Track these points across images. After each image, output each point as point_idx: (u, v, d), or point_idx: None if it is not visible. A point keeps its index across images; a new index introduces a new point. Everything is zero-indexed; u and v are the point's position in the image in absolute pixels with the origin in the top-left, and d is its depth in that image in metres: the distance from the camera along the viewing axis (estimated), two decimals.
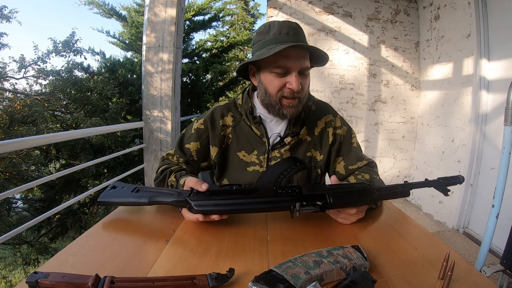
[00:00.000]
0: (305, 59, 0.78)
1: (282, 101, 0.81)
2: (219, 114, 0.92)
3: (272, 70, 0.78)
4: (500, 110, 2.23)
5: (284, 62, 0.76)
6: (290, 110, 0.82)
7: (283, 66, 0.76)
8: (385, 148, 3.46)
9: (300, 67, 0.77)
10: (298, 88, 0.77)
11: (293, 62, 0.76)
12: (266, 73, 0.80)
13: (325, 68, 3.36)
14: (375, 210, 0.80)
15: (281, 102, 0.81)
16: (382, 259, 0.55)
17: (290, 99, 0.80)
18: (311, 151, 0.92)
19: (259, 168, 0.89)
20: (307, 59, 0.79)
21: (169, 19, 2.78)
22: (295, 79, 0.76)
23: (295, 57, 0.76)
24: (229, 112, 0.93)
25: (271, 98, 0.82)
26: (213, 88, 5.86)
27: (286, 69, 0.77)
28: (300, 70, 0.78)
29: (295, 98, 0.80)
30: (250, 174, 0.89)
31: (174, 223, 0.68)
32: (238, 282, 0.47)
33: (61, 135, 2.25)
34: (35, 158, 4.49)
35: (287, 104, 0.81)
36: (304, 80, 0.80)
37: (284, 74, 0.78)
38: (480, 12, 2.44)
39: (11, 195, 2.50)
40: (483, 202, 2.44)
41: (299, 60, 0.77)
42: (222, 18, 6.57)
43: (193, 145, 0.92)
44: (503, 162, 1.28)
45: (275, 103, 0.82)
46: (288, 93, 0.79)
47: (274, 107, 0.83)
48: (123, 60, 5.28)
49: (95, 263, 0.51)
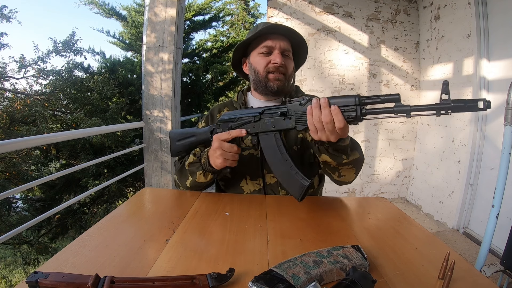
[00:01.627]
0: (285, 42, 0.92)
1: (269, 76, 0.92)
2: (217, 110, 1.04)
3: (258, 52, 0.92)
4: (500, 110, 2.22)
5: (267, 42, 0.91)
6: (276, 83, 0.91)
7: (267, 45, 0.91)
8: (385, 148, 3.46)
9: (282, 47, 0.91)
10: (281, 62, 0.90)
11: (275, 42, 0.91)
12: (254, 55, 0.94)
13: (325, 68, 3.36)
14: (375, 210, 0.79)
15: (267, 77, 0.92)
16: (382, 259, 0.55)
17: (276, 74, 0.91)
18: (302, 133, 0.96)
19: (253, 151, 0.94)
20: (287, 43, 0.93)
21: (169, 19, 2.78)
22: (277, 55, 0.90)
23: (276, 39, 0.91)
24: (225, 107, 1.03)
25: (260, 75, 0.93)
26: (213, 88, 5.87)
27: (270, 48, 0.91)
28: (282, 50, 0.91)
29: (280, 73, 0.91)
30: (246, 157, 0.94)
31: (174, 223, 0.68)
32: (238, 282, 0.47)
33: (61, 135, 2.25)
34: (35, 158, 4.48)
35: (273, 77, 0.91)
36: (288, 61, 0.93)
37: (269, 53, 0.91)
38: (480, 12, 2.44)
39: (11, 195, 2.50)
40: (483, 202, 2.44)
41: (280, 41, 0.91)
42: (222, 18, 6.57)
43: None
44: (503, 162, 1.28)
45: (262, 79, 0.92)
46: (273, 68, 0.90)
47: (262, 83, 0.93)
48: (123, 60, 5.28)
49: (95, 263, 0.51)
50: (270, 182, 0.94)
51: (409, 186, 3.51)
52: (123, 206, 0.80)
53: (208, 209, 0.76)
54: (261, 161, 0.93)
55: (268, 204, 0.81)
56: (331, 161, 0.79)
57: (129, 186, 5.15)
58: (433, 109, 0.61)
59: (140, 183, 5.04)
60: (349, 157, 0.79)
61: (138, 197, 0.86)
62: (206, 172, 0.86)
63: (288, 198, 0.86)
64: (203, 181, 0.88)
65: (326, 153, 0.78)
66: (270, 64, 0.91)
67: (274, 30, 0.91)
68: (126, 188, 5.02)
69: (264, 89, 0.93)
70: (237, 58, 1.01)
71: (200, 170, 0.86)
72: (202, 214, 0.73)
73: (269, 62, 0.91)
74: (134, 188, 5.18)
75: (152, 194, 0.92)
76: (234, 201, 0.82)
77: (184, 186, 0.91)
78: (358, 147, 0.84)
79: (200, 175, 0.86)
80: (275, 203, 0.82)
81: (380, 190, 3.53)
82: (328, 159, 0.79)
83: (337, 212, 0.78)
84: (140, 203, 0.83)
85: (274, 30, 0.92)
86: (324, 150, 0.78)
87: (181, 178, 0.92)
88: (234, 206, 0.78)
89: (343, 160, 0.79)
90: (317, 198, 0.92)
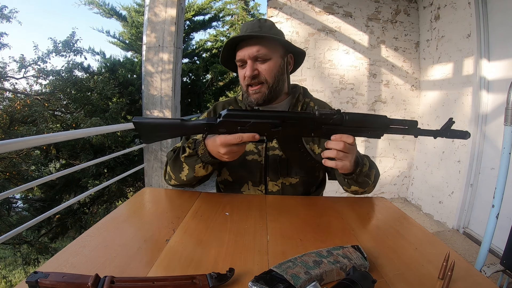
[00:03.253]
0: (257, 46, 0.83)
1: (248, 89, 0.87)
2: (221, 107, 0.98)
3: (238, 65, 0.88)
4: (500, 110, 2.23)
5: (238, 55, 0.86)
6: (254, 96, 0.87)
7: (239, 59, 0.86)
8: (385, 148, 3.46)
9: (251, 55, 0.83)
10: (250, 73, 0.83)
11: (243, 53, 0.84)
12: (238, 69, 0.89)
13: (325, 68, 3.36)
14: (375, 210, 0.79)
15: (248, 91, 0.87)
16: (382, 259, 0.55)
17: (252, 87, 0.86)
18: (310, 144, 0.94)
19: (257, 157, 0.91)
20: (260, 46, 0.83)
21: (169, 19, 2.78)
22: (247, 67, 0.84)
23: (245, 48, 0.84)
24: (230, 106, 0.98)
25: (243, 89, 0.89)
26: (213, 88, 5.87)
27: (242, 61, 0.85)
28: (253, 57, 0.83)
29: (256, 84, 0.85)
30: (250, 163, 0.91)
31: (174, 223, 0.68)
32: (238, 282, 0.47)
33: (61, 135, 2.25)
34: (35, 158, 4.49)
35: (252, 91, 0.86)
36: (264, 65, 0.85)
37: (244, 65, 0.86)
38: (480, 12, 2.44)
39: (11, 195, 2.50)
40: (483, 202, 2.44)
41: (249, 49, 0.83)
42: (222, 18, 6.58)
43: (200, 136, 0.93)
44: (503, 162, 1.28)
45: (245, 93, 0.89)
46: (248, 81, 0.85)
47: (245, 97, 0.89)
48: (123, 60, 5.29)
49: (95, 263, 0.51)
50: (272, 190, 0.92)
51: (409, 186, 3.51)
52: (123, 206, 0.80)
53: (208, 209, 0.76)
54: (264, 168, 0.91)
55: (268, 204, 0.81)
56: (359, 189, 0.85)
57: (129, 186, 5.16)
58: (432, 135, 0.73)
59: (140, 183, 5.04)
60: (371, 179, 0.84)
61: (138, 197, 0.86)
62: (207, 164, 0.81)
63: (288, 198, 0.86)
64: (204, 174, 0.83)
65: (355, 184, 0.83)
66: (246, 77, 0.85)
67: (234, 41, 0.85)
68: (126, 188, 5.03)
69: (247, 102, 0.89)
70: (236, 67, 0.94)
71: (199, 162, 0.80)
72: (202, 214, 0.73)
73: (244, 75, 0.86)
74: (134, 188, 5.18)
75: (152, 194, 0.92)
76: (234, 201, 0.82)
77: (178, 178, 0.86)
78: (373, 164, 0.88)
79: (200, 168, 0.81)
80: (275, 203, 0.82)
81: (380, 190, 3.53)
82: (357, 188, 0.84)
83: (337, 212, 0.78)
84: (140, 203, 0.83)
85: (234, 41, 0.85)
86: (353, 181, 0.82)
87: (175, 169, 0.85)
88: (234, 206, 0.78)
89: (369, 184, 0.84)
90: (317, 198, 0.92)
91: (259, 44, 0.83)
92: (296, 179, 0.92)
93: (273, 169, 0.91)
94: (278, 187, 0.91)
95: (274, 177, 0.91)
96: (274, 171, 0.91)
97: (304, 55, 0.95)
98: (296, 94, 0.96)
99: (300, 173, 0.92)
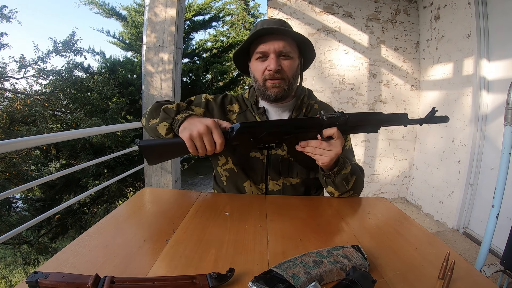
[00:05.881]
0: (283, 42, 0.84)
1: (266, 83, 0.86)
2: (229, 99, 0.98)
3: (256, 58, 0.87)
4: (500, 110, 2.23)
5: (261, 47, 0.84)
6: (273, 90, 0.86)
7: (261, 51, 0.85)
8: (385, 148, 3.46)
9: (277, 49, 0.83)
10: (275, 67, 0.83)
11: (269, 46, 0.84)
12: (253, 61, 0.89)
13: (325, 68, 3.36)
14: (375, 210, 0.79)
15: (265, 85, 0.87)
16: (382, 259, 0.55)
17: (272, 80, 0.85)
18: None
19: (260, 155, 0.91)
20: (286, 42, 0.84)
21: (169, 19, 2.78)
22: (271, 60, 0.83)
23: (271, 41, 0.84)
24: (237, 102, 0.98)
25: (259, 83, 0.88)
26: (213, 88, 5.87)
27: (264, 53, 0.85)
28: (278, 52, 0.84)
29: (278, 79, 0.85)
30: (252, 160, 0.91)
31: (174, 223, 0.68)
32: (238, 282, 0.47)
33: (61, 135, 2.25)
34: (35, 158, 4.49)
35: (271, 84, 0.86)
36: (287, 62, 0.85)
37: (264, 58, 0.85)
38: (480, 12, 2.44)
39: (11, 195, 2.50)
40: (483, 202, 2.44)
41: (275, 43, 0.83)
42: (222, 18, 6.58)
43: (198, 110, 0.94)
44: (503, 162, 1.28)
45: (261, 87, 0.88)
46: (268, 75, 0.85)
47: (261, 91, 0.89)
48: (123, 60, 5.29)
49: (95, 263, 0.51)
50: (272, 189, 0.92)
51: (409, 186, 3.51)
52: (123, 206, 0.80)
53: (208, 209, 0.76)
54: (266, 167, 0.91)
55: (268, 204, 0.81)
56: (335, 191, 0.86)
57: (129, 186, 5.16)
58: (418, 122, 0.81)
59: (140, 183, 5.04)
60: (349, 184, 0.84)
61: (138, 197, 0.86)
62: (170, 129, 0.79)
63: (288, 198, 0.86)
64: (161, 133, 0.82)
65: (332, 185, 0.84)
66: (266, 70, 0.85)
67: (267, 32, 0.84)
68: (126, 188, 5.03)
69: (263, 97, 0.90)
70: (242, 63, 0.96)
71: (169, 122, 0.79)
72: (202, 214, 0.73)
73: (265, 68, 0.85)
74: (134, 188, 5.18)
75: (152, 194, 0.92)
76: (234, 201, 0.82)
77: (146, 123, 0.87)
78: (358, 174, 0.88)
79: (164, 127, 0.80)
80: (275, 203, 0.82)
81: (380, 190, 3.53)
82: (333, 190, 0.85)
83: (337, 212, 0.78)
84: (140, 203, 0.83)
85: (267, 32, 0.84)
86: (330, 182, 0.83)
87: (151, 114, 0.85)
88: (234, 206, 0.78)
89: (345, 189, 0.84)
90: (317, 198, 0.92)
91: (284, 40, 0.84)
92: (297, 180, 0.92)
93: (275, 168, 0.91)
94: (279, 186, 0.92)
95: (275, 176, 0.91)
96: (275, 170, 0.91)
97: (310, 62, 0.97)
98: (301, 95, 0.96)
99: (302, 174, 0.92)
